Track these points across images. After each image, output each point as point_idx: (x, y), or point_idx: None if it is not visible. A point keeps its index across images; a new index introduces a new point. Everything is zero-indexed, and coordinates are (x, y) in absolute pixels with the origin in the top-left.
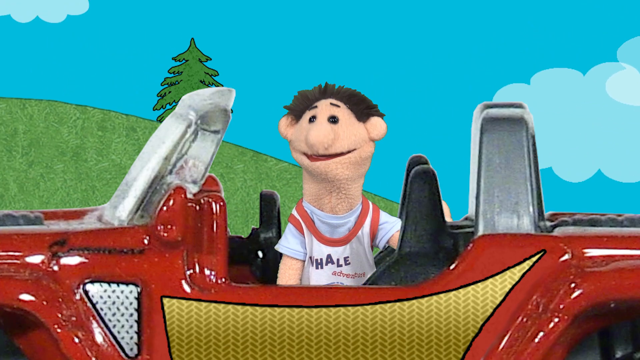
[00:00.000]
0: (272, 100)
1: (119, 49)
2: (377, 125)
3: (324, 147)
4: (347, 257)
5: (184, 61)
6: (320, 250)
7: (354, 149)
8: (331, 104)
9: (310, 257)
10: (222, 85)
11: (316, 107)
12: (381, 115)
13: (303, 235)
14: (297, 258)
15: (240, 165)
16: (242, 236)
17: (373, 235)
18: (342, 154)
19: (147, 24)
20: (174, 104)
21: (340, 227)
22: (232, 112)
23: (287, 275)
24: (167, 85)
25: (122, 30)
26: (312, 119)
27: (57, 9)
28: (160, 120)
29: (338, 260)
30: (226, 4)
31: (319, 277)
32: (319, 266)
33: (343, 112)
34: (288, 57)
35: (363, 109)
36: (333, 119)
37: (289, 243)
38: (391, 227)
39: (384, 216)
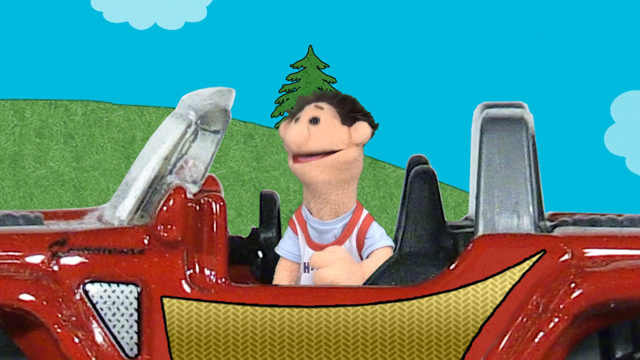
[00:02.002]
0: (390, 107)
1: (237, 56)
2: (359, 129)
3: (296, 145)
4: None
5: (301, 68)
6: (309, 255)
7: (331, 151)
8: (315, 106)
9: (304, 261)
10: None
11: (304, 109)
12: (370, 122)
13: (298, 238)
14: (290, 260)
15: None
16: (242, 236)
17: (360, 248)
18: (316, 154)
19: (264, 31)
20: None
21: (326, 233)
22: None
23: (280, 276)
24: (284, 93)
25: (240, 37)
26: (296, 120)
27: (175, 16)
28: (277, 127)
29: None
30: (344, 11)
31: (306, 281)
32: (306, 270)
33: (326, 114)
34: (406, 63)
35: (349, 112)
36: (314, 120)
37: (284, 244)
38: (372, 243)
39: (372, 230)
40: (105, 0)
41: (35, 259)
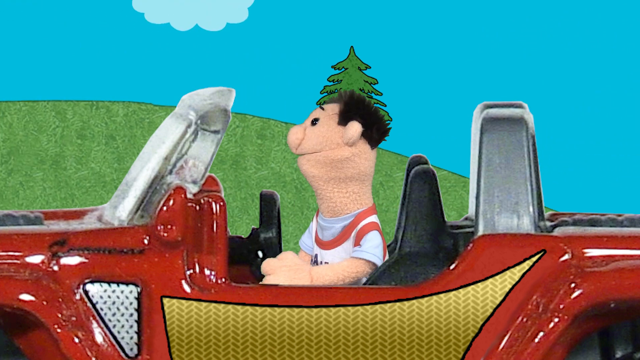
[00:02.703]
0: (431, 108)
1: (278, 57)
2: (348, 129)
3: (294, 147)
4: (327, 262)
5: (343, 69)
6: (317, 249)
7: (321, 150)
8: (320, 107)
9: (315, 253)
10: (382, 94)
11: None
12: (366, 123)
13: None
14: (305, 251)
15: (399, 173)
16: (242, 236)
17: None
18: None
19: (306, 31)
20: None
21: (326, 230)
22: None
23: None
24: (326, 94)
25: (281, 38)
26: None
27: (217, 17)
28: None
29: (321, 263)
30: (386, 12)
31: None
32: (315, 263)
33: (325, 115)
34: (447, 64)
35: (348, 112)
36: (314, 122)
37: (304, 236)
38: (355, 250)
39: (366, 237)
40: (147, 2)
41: (35, 259)
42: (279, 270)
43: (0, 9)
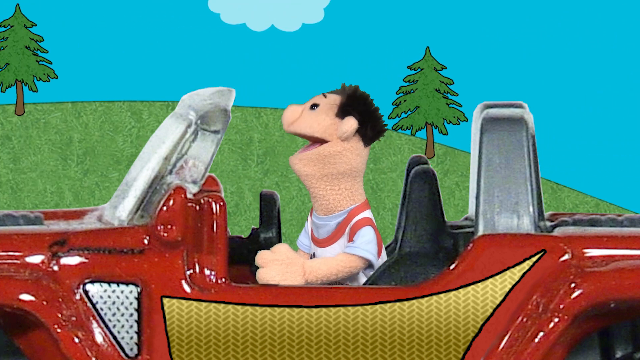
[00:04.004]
0: None
1: (354, 57)
2: (344, 123)
3: (287, 123)
4: None
5: (419, 70)
6: (311, 247)
7: (314, 137)
8: (323, 95)
9: (312, 252)
10: (457, 95)
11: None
12: (361, 120)
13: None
14: (302, 250)
15: None
16: (242, 236)
17: None
18: (300, 135)
19: (382, 32)
20: (409, 112)
21: (321, 228)
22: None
23: None
24: (402, 94)
25: (357, 38)
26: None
27: (293, 18)
28: (395, 129)
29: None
30: (462, 12)
31: None
32: None
33: (326, 103)
34: (522, 64)
35: (346, 106)
36: (313, 106)
37: (301, 235)
38: (349, 245)
39: (359, 233)
40: (223, 2)
41: (35, 259)
42: (272, 263)
43: (79, 11)
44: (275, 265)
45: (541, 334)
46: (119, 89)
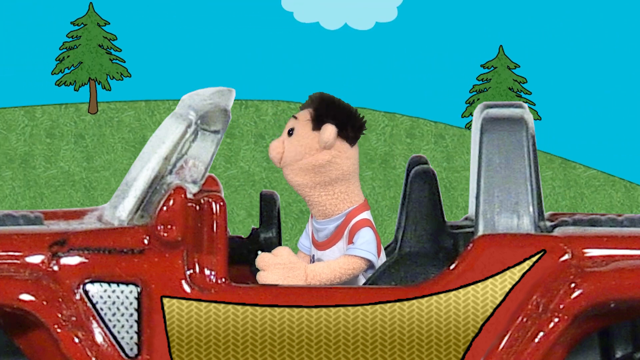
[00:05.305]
0: (582, 107)
1: (427, 55)
2: (323, 133)
3: (276, 162)
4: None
5: (492, 68)
6: (311, 250)
7: (302, 158)
8: (293, 117)
9: (312, 254)
10: (531, 93)
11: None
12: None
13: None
14: (303, 252)
15: (548, 172)
16: (242, 236)
17: None
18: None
19: (455, 30)
20: None
21: (320, 231)
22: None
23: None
24: (475, 93)
25: (430, 37)
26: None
27: (366, 17)
28: (468, 127)
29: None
30: (536, 10)
31: None
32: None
33: (299, 124)
34: (596, 63)
35: (320, 116)
36: (290, 132)
37: (302, 237)
38: (349, 247)
39: (359, 234)
40: (296, 1)
41: (35, 259)
42: (273, 267)
43: (152, 10)
44: (277, 269)
45: (541, 334)
46: (193, 88)
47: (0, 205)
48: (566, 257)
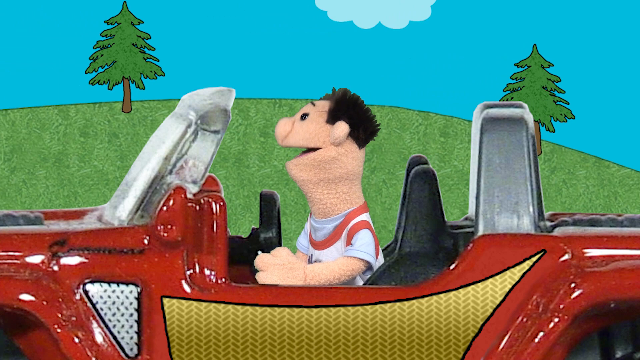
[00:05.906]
0: (616, 106)
1: (461, 54)
2: (335, 129)
3: (280, 139)
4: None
5: (526, 67)
6: (309, 249)
7: (309, 148)
8: (312, 102)
9: (310, 254)
10: (564, 92)
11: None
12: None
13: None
14: (301, 251)
15: (582, 171)
16: (242, 236)
17: None
18: (295, 147)
19: (489, 29)
20: None
21: (319, 231)
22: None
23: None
24: (509, 92)
25: (464, 35)
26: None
27: (400, 15)
28: None
29: (315, 262)
30: (570, 9)
31: None
32: (310, 263)
33: (315, 111)
34: (629, 62)
35: (338, 111)
36: (303, 116)
37: (300, 236)
38: (348, 249)
39: (357, 236)
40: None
41: (35, 259)
42: (272, 268)
43: (185, 9)
44: (277, 270)
45: (541, 334)
46: (229, 86)
47: (34, 204)
48: (566, 257)
